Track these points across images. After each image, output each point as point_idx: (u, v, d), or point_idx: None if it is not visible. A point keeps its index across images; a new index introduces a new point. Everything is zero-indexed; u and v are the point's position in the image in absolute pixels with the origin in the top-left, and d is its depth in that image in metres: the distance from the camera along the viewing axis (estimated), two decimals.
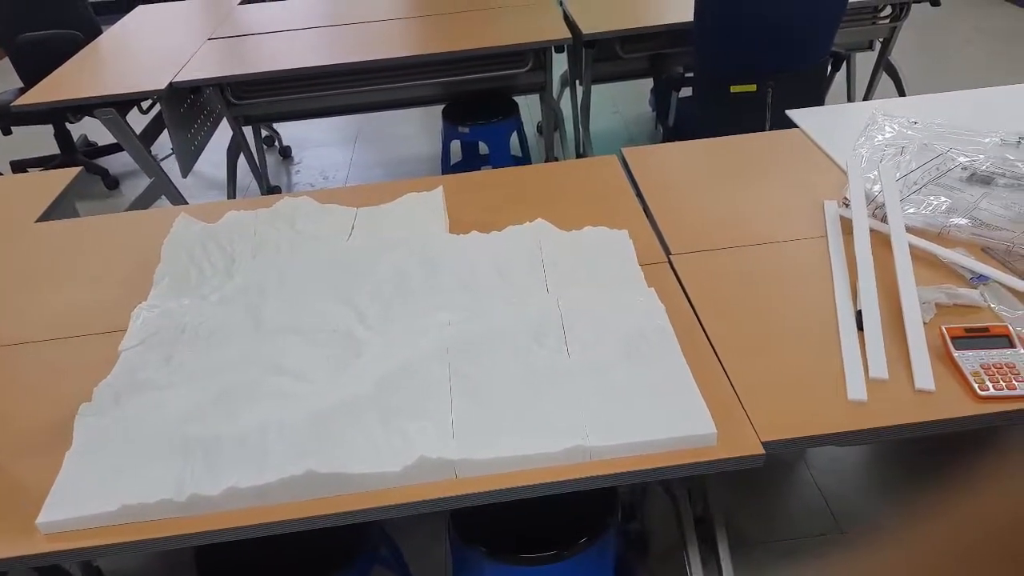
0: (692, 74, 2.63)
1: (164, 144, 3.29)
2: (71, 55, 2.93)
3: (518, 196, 1.70)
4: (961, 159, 1.59)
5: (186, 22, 3.23)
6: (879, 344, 1.20)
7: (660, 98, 3.62)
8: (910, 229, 1.43)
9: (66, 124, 3.80)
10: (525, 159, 3.30)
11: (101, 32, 3.28)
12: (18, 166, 3.94)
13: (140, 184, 3.73)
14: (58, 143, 3.84)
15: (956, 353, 1.16)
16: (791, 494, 1.95)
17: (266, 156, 3.77)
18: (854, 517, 1.87)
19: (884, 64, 3.25)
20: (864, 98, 3.35)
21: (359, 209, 1.66)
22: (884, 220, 1.45)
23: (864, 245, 1.39)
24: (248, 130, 3.34)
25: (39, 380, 1.30)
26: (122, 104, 2.67)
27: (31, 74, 3.39)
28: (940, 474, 1.94)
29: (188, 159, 2.94)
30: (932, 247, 1.39)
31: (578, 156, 3.36)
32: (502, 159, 3.01)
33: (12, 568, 1.01)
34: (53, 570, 1.50)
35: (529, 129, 3.93)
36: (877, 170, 1.56)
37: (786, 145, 1.82)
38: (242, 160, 3.23)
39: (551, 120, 3.20)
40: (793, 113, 1.96)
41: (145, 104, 3.37)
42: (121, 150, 3.95)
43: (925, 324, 1.23)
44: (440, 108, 3.11)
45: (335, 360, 1.24)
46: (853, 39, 3.18)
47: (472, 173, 1.82)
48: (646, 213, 1.61)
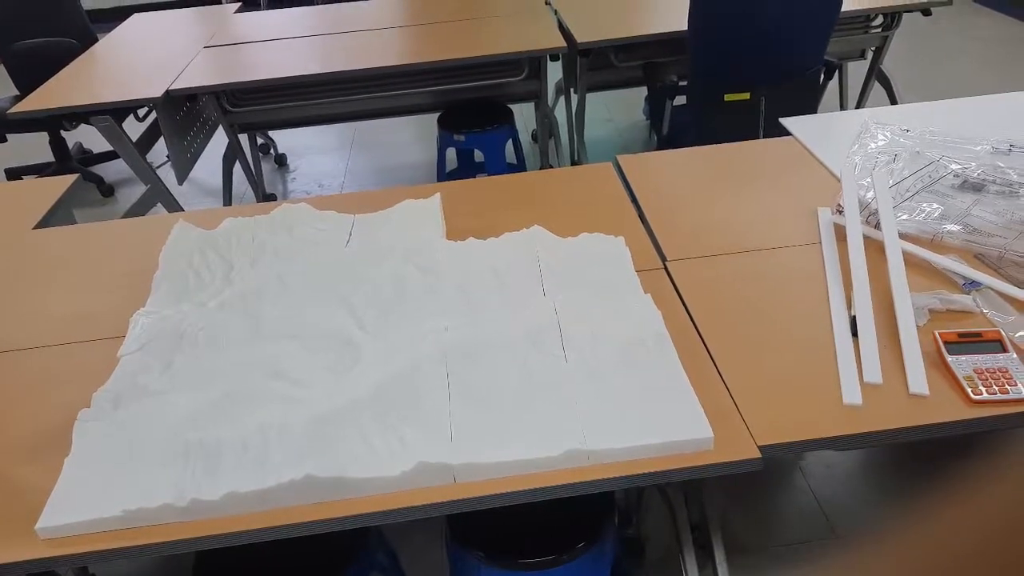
0: (686, 82, 2.65)
1: (160, 152, 3.29)
2: (67, 63, 2.93)
3: (515, 203, 1.71)
4: (953, 166, 1.60)
5: (182, 30, 3.24)
6: (874, 349, 1.21)
7: (654, 106, 3.64)
8: (903, 236, 1.44)
9: (61, 132, 3.79)
10: (520, 167, 3.32)
11: (97, 40, 3.29)
12: (13, 174, 3.94)
13: (135, 192, 3.73)
14: (53, 151, 3.83)
15: (950, 358, 1.17)
16: (786, 499, 1.95)
17: (262, 164, 3.78)
18: (849, 522, 1.88)
19: (876, 73, 3.27)
20: (856, 106, 3.37)
21: (357, 216, 1.67)
22: (877, 227, 1.46)
23: (858, 251, 1.40)
24: (244, 138, 3.34)
25: (38, 386, 1.30)
26: (118, 112, 2.67)
27: (27, 82, 3.40)
28: (934, 479, 1.95)
29: (184, 167, 2.94)
30: (925, 253, 1.40)
31: (573, 164, 3.38)
32: (497, 167, 3.02)
33: (7, 574, 1.01)
34: None
35: (524, 137, 3.95)
36: (870, 177, 1.58)
37: (780, 153, 1.84)
38: (237, 168, 3.23)
39: (546, 128, 3.22)
40: (787, 121, 1.98)
41: (141, 112, 3.37)
42: (116, 158, 3.95)
43: (919, 329, 1.24)
44: (435, 116, 3.12)
45: (334, 365, 1.25)
46: (845, 48, 3.20)
47: (469, 180, 1.83)
48: (642, 220, 1.62)
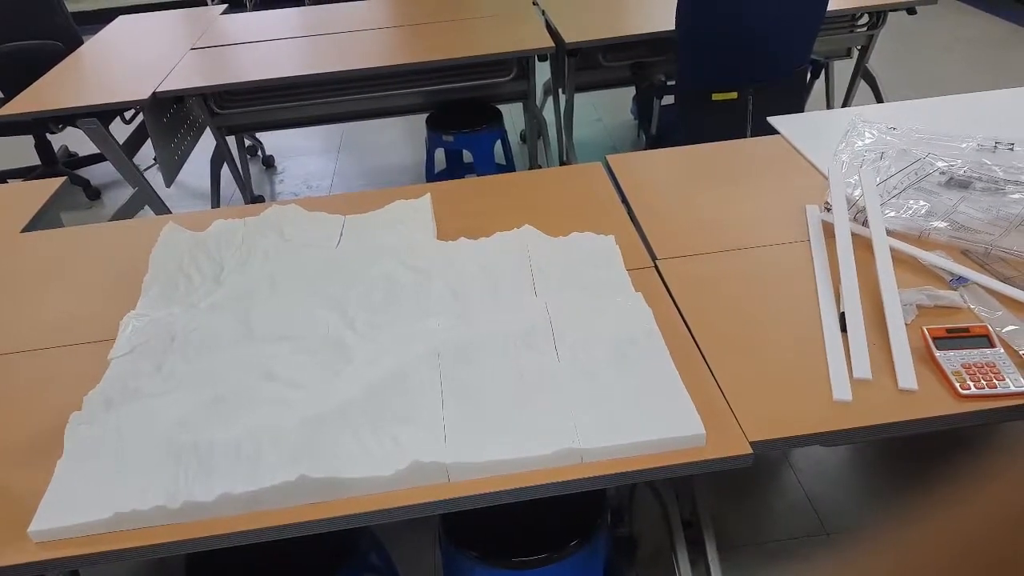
0: (674, 82, 2.66)
1: (147, 154, 3.27)
2: (52, 65, 2.91)
3: (505, 203, 1.72)
4: (939, 164, 1.62)
5: (168, 32, 3.22)
6: (863, 345, 1.22)
7: (642, 106, 3.66)
8: (891, 232, 1.45)
9: (47, 135, 3.77)
10: (509, 167, 3.32)
11: (82, 42, 3.27)
12: None
13: (122, 195, 3.71)
14: (39, 154, 3.81)
15: (938, 353, 1.18)
16: (777, 496, 1.97)
17: (249, 166, 3.77)
18: (839, 518, 1.89)
19: (862, 71, 3.30)
20: (843, 105, 3.39)
21: (347, 217, 1.67)
22: (865, 224, 1.47)
23: (846, 249, 1.41)
24: (231, 140, 3.34)
25: (28, 390, 1.30)
26: (105, 114, 2.66)
27: (11, 85, 3.37)
28: (924, 476, 1.97)
29: (171, 169, 2.93)
30: (912, 250, 1.41)
31: (562, 164, 3.38)
32: (486, 167, 3.03)
33: None
34: None
35: (512, 137, 3.95)
36: (858, 175, 1.59)
37: (768, 151, 1.85)
38: (225, 170, 3.22)
39: (535, 128, 3.22)
40: (774, 120, 1.99)
41: (128, 114, 3.36)
42: (102, 160, 3.93)
43: (907, 325, 1.25)
44: (423, 117, 3.12)
45: (326, 366, 1.25)
46: (831, 47, 3.22)
47: (458, 181, 1.83)
48: (632, 219, 1.63)
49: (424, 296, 1.39)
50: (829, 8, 2.47)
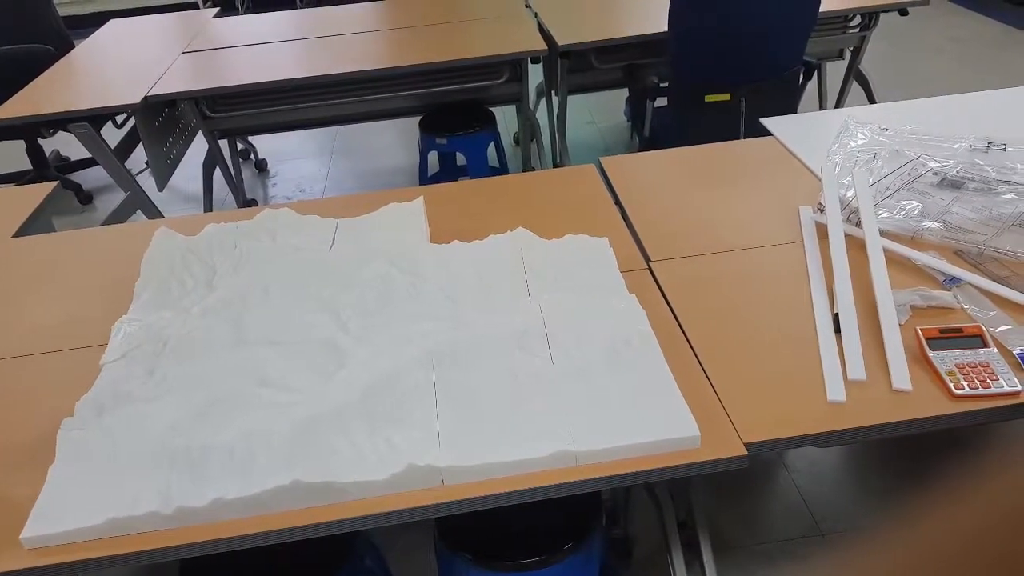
0: (667, 84, 2.66)
1: (139, 158, 3.26)
2: (43, 70, 2.90)
3: (498, 206, 1.71)
4: (932, 164, 1.62)
5: (160, 36, 3.22)
6: (856, 346, 1.22)
7: (635, 108, 3.66)
8: (884, 233, 1.46)
9: (39, 139, 3.76)
10: (502, 170, 3.32)
11: (74, 46, 3.26)
12: None
13: (114, 199, 3.70)
14: (30, 158, 3.79)
15: (931, 354, 1.18)
16: (772, 497, 1.97)
17: (242, 169, 3.76)
18: (834, 519, 1.90)
19: (854, 72, 3.31)
20: (836, 106, 3.40)
21: (340, 220, 1.66)
22: (858, 225, 1.47)
23: (840, 249, 1.41)
24: (224, 143, 3.33)
25: (19, 395, 1.29)
26: (96, 118, 2.65)
27: (2, 89, 3.36)
28: (919, 476, 1.97)
29: (164, 173, 2.92)
30: (906, 251, 1.41)
31: (555, 166, 3.38)
32: (480, 170, 3.02)
33: None
34: None
35: (506, 140, 3.95)
36: (851, 176, 1.59)
37: (761, 153, 1.85)
38: (217, 174, 3.21)
39: (528, 130, 3.22)
40: (767, 121, 1.99)
41: (120, 118, 3.35)
42: (94, 165, 3.92)
43: (901, 326, 1.25)
44: (416, 120, 3.12)
45: (319, 370, 1.24)
46: (824, 48, 3.23)
47: (451, 183, 1.83)
48: (625, 221, 1.63)
49: (418, 299, 1.39)
50: (821, 9, 2.47)
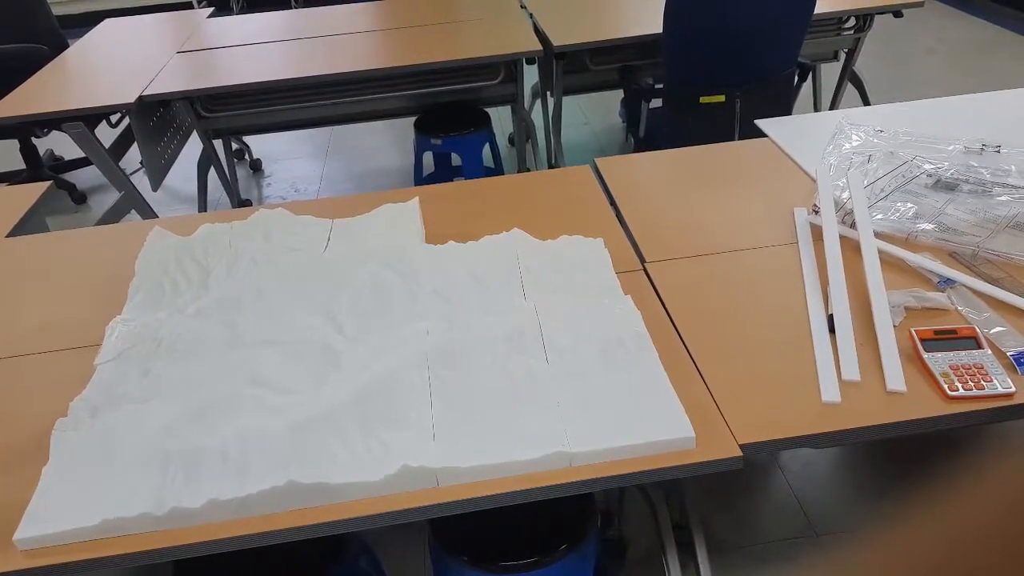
0: (662, 85, 2.66)
1: (133, 158, 3.26)
2: (37, 69, 2.89)
3: (493, 206, 1.71)
4: (926, 166, 1.63)
5: (154, 35, 3.21)
6: (851, 347, 1.22)
7: (630, 109, 3.66)
8: (878, 235, 1.46)
9: (32, 139, 3.75)
10: (497, 170, 3.32)
11: (68, 46, 3.25)
12: None
13: (108, 199, 3.69)
14: (24, 158, 3.78)
15: (926, 355, 1.19)
16: (766, 498, 1.97)
17: (236, 169, 3.75)
18: (828, 520, 1.90)
19: (849, 74, 3.31)
20: (830, 108, 3.41)
21: (335, 220, 1.66)
22: (853, 226, 1.48)
23: (834, 251, 1.42)
24: (218, 143, 3.32)
25: (13, 396, 1.28)
26: (90, 118, 2.65)
27: None
28: (913, 478, 1.98)
29: (158, 173, 2.92)
30: (900, 252, 1.42)
31: (550, 167, 3.38)
32: (475, 170, 3.02)
33: None
34: None
35: (501, 140, 3.95)
36: (845, 178, 1.60)
37: (756, 154, 1.85)
38: (212, 174, 3.21)
39: (523, 131, 3.22)
40: (762, 123, 1.99)
41: (114, 118, 3.34)
42: (88, 164, 3.91)
43: (895, 327, 1.25)
44: (411, 120, 3.11)
45: (314, 371, 1.24)
46: (818, 50, 3.23)
47: (447, 184, 1.83)
48: (620, 222, 1.63)
49: (413, 300, 1.38)
50: (816, 11, 2.48)
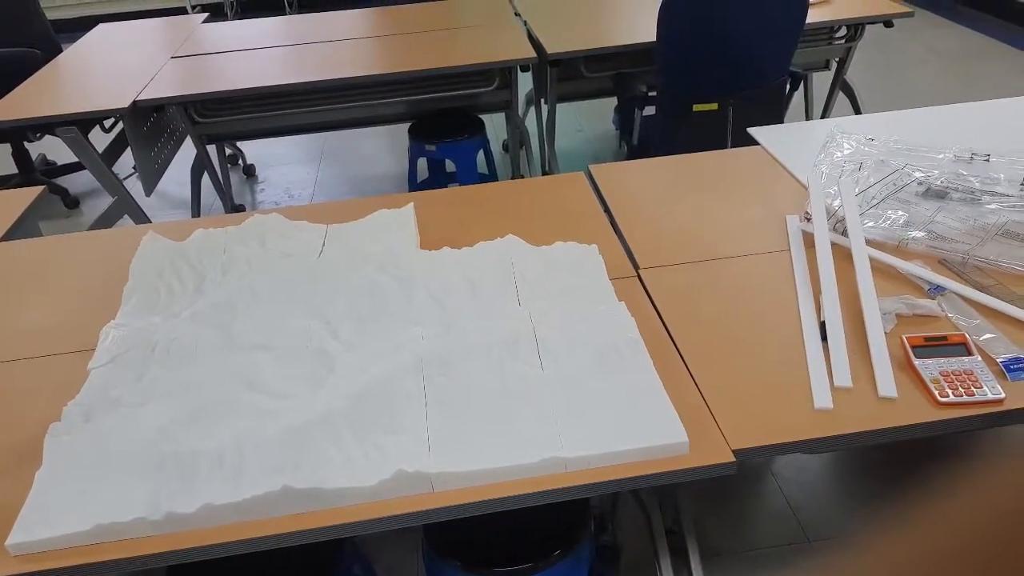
0: (655, 93, 2.67)
1: (126, 163, 3.26)
2: (30, 73, 2.89)
3: (488, 213, 1.72)
4: (917, 174, 1.64)
5: (148, 40, 3.21)
6: (843, 353, 1.23)
7: (624, 116, 3.67)
8: (870, 242, 1.47)
9: (25, 143, 3.74)
10: (491, 177, 3.33)
11: (61, 50, 3.24)
12: None
13: (101, 204, 3.68)
14: (16, 162, 3.77)
15: (917, 361, 1.19)
16: (759, 504, 1.98)
17: (230, 175, 3.75)
18: (821, 526, 1.91)
19: (840, 83, 3.34)
20: (822, 116, 3.43)
21: (329, 226, 1.66)
22: (844, 234, 1.49)
23: (826, 258, 1.43)
24: (212, 148, 3.32)
25: (6, 401, 1.28)
26: (84, 123, 2.64)
27: None
28: (905, 483, 1.99)
29: (151, 178, 2.91)
30: (891, 259, 1.43)
31: (544, 173, 3.39)
32: (469, 177, 3.03)
33: None
34: None
35: (495, 147, 3.96)
36: (837, 185, 1.61)
37: (748, 162, 1.87)
38: (206, 179, 3.20)
39: (517, 138, 3.23)
40: (754, 131, 2.01)
41: (108, 122, 3.33)
42: (80, 169, 3.90)
43: (886, 334, 1.26)
44: (405, 126, 3.12)
45: (309, 376, 1.24)
46: (810, 59, 3.26)
47: (441, 190, 1.83)
48: (614, 229, 1.64)
49: (408, 305, 1.39)
50: (808, 20, 2.49)
